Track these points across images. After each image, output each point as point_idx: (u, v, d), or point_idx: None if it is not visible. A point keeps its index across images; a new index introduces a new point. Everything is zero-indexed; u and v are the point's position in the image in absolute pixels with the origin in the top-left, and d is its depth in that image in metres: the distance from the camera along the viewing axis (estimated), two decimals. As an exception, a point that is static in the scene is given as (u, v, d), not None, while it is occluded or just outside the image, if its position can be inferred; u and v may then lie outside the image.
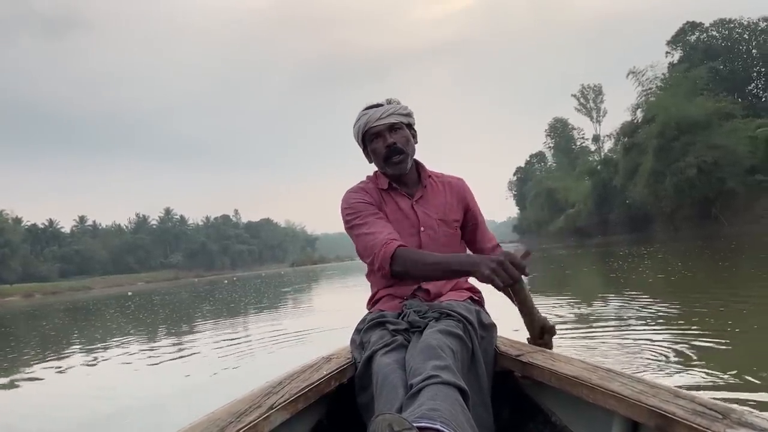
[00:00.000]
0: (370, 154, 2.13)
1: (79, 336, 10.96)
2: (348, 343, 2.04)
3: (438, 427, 1.23)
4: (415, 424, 1.19)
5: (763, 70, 56.52)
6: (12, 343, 10.90)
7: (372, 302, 2.14)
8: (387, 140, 2.04)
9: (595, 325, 5.29)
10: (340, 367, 1.85)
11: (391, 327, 1.79)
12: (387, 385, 1.53)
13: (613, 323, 5.28)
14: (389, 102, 2.10)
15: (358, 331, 1.97)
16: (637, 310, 5.88)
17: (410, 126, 2.12)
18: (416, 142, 2.14)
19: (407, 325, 1.79)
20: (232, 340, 7.16)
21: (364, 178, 2.23)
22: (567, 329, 5.15)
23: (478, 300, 2.09)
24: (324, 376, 1.74)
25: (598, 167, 60.29)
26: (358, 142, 2.15)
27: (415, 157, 2.17)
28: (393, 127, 2.05)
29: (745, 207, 36.43)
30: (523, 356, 1.79)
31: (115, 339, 9.24)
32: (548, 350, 1.89)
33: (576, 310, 6.41)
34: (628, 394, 1.30)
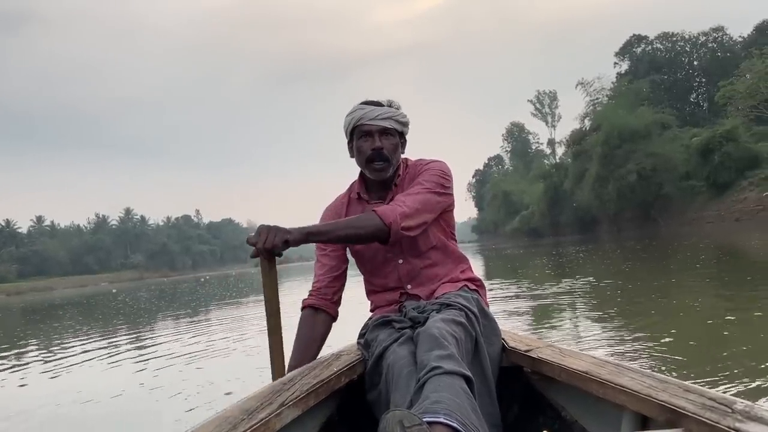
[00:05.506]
0: (354, 150, 2.05)
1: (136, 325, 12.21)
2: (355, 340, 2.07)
3: (441, 420, 1.26)
4: None
5: (703, 81, 59.39)
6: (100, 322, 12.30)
7: (371, 308, 2.16)
8: (375, 143, 1.97)
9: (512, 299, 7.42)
10: (351, 363, 1.85)
11: (397, 325, 1.82)
12: (399, 379, 1.56)
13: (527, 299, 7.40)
14: (390, 104, 2.03)
15: (362, 334, 1.98)
16: (542, 290, 8.09)
17: (402, 135, 2.06)
18: (403, 152, 2.09)
19: (410, 323, 1.81)
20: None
21: (345, 188, 2.21)
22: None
23: (474, 289, 2.03)
24: (334, 373, 1.74)
25: (552, 171, 62.39)
26: (345, 133, 2.06)
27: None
28: (385, 131, 1.98)
29: (680, 210, 39.12)
30: (532, 351, 1.80)
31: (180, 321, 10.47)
32: (557, 345, 1.90)
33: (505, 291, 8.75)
34: (638, 389, 1.31)
